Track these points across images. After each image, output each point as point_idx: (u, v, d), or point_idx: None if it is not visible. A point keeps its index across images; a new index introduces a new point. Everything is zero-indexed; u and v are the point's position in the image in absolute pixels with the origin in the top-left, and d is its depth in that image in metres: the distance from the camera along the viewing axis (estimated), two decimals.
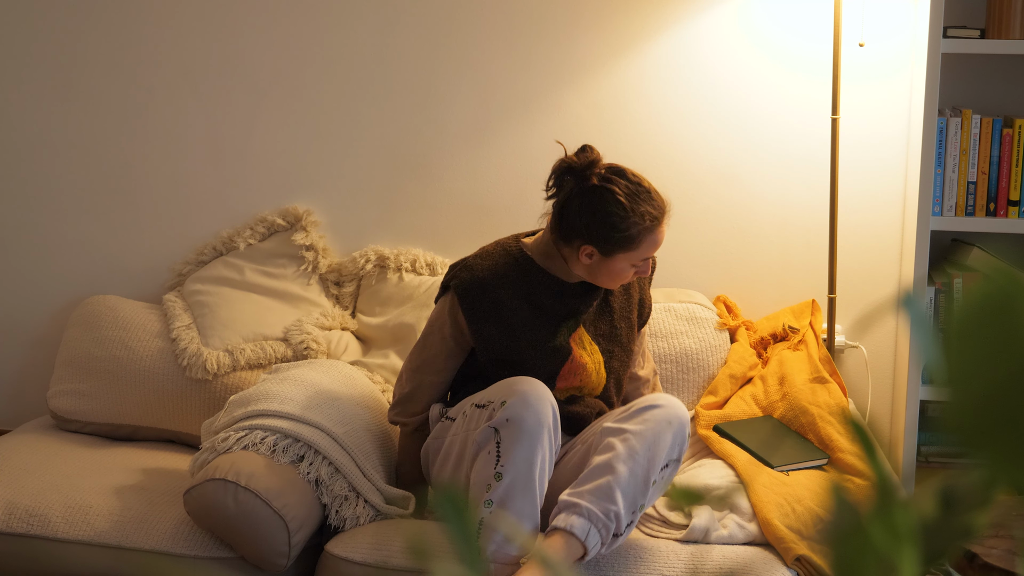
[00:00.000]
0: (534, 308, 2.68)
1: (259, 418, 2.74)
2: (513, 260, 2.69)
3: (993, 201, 3.04)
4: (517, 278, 2.67)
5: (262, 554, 2.58)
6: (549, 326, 2.68)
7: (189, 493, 2.62)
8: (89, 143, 3.52)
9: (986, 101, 3.17)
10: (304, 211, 3.44)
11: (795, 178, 3.33)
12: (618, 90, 3.35)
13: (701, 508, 2.58)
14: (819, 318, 3.25)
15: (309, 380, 2.90)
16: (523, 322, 2.66)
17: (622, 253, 2.59)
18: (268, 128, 3.46)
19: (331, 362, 3.11)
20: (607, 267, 2.62)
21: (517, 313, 2.66)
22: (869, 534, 0.71)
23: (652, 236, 2.60)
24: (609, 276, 2.64)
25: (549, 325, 2.68)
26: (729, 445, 2.89)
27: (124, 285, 3.52)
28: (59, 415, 3.27)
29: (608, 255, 2.60)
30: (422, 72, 3.39)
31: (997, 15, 2.96)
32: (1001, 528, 2.68)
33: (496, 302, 2.65)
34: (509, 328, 2.66)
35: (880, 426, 3.36)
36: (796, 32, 3.26)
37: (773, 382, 3.08)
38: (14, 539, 2.72)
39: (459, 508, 0.74)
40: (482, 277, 2.66)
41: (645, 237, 2.59)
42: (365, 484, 2.71)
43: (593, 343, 2.73)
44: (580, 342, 2.72)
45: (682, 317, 3.22)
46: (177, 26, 3.45)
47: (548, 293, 2.68)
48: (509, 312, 2.66)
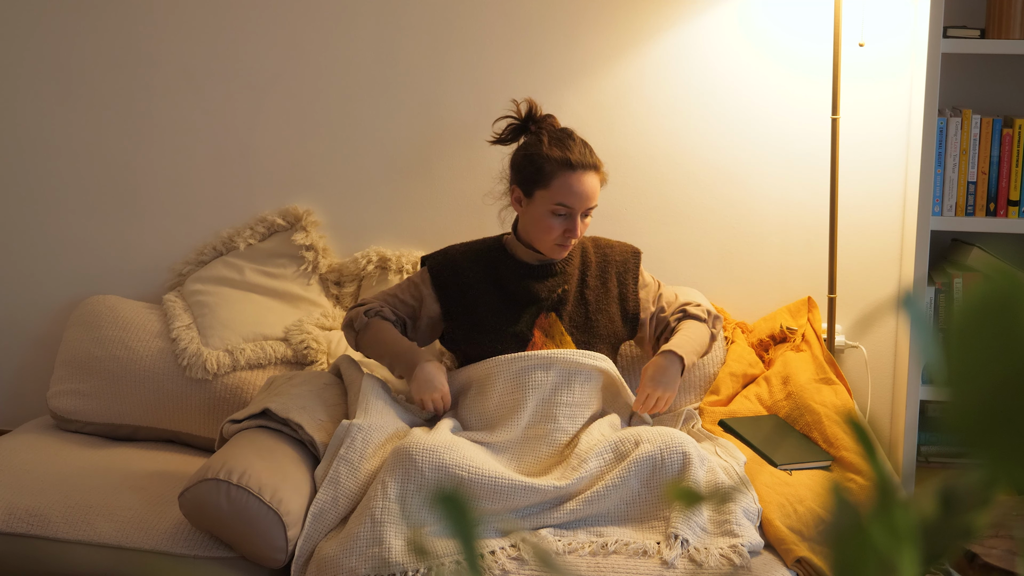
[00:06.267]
0: (500, 293, 2.85)
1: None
2: (487, 247, 2.92)
3: (993, 201, 3.04)
4: (487, 263, 2.88)
5: (260, 551, 2.58)
6: (511, 312, 2.84)
7: (183, 495, 2.62)
8: (90, 143, 3.52)
9: (986, 101, 3.17)
10: (304, 211, 3.44)
11: (795, 178, 3.34)
12: (618, 90, 3.35)
13: (682, 519, 2.55)
14: (816, 315, 3.25)
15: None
16: (487, 307, 2.84)
17: (539, 191, 2.78)
18: (268, 128, 3.46)
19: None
20: (531, 215, 2.81)
21: (483, 297, 2.85)
22: (869, 534, 0.71)
23: (567, 178, 2.75)
24: (536, 227, 2.81)
25: (512, 311, 2.84)
26: (733, 440, 2.89)
27: (124, 285, 3.52)
28: (59, 415, 3.27)
29: (528, 195, 2.81)
30: (423, 72, 3.39)
31: (997, 15, 2.96)
32: (1001, 528, 2.68)
33: (464, 285, 2.86)
34: (472, 312, 2.84)
35: (880, 426, 3.36)
36: (796, 32, 3.26)
37: (777, 382, 3.08)
38: (14, 539, 2.72)
39: (459, 508, 0.74)
40: (455, 259, 2.88)
41: (558, 174, 2.76)
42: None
43: (566, 334, 2.85)
44: (549, 331, 2.84)
45: None
46: (178, 26, 3.45)
47: (512, 276, 2.86)
48: (475, 295, 2.85)
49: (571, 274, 2.90)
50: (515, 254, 2.89)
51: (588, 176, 2.78)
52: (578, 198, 2.77)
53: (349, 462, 2.67)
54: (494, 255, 2.90)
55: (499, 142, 2.92)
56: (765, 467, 2.78)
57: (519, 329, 2.82)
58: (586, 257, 2.94)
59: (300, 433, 2.77)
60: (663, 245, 3.38)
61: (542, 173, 2.78)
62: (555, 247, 2.83)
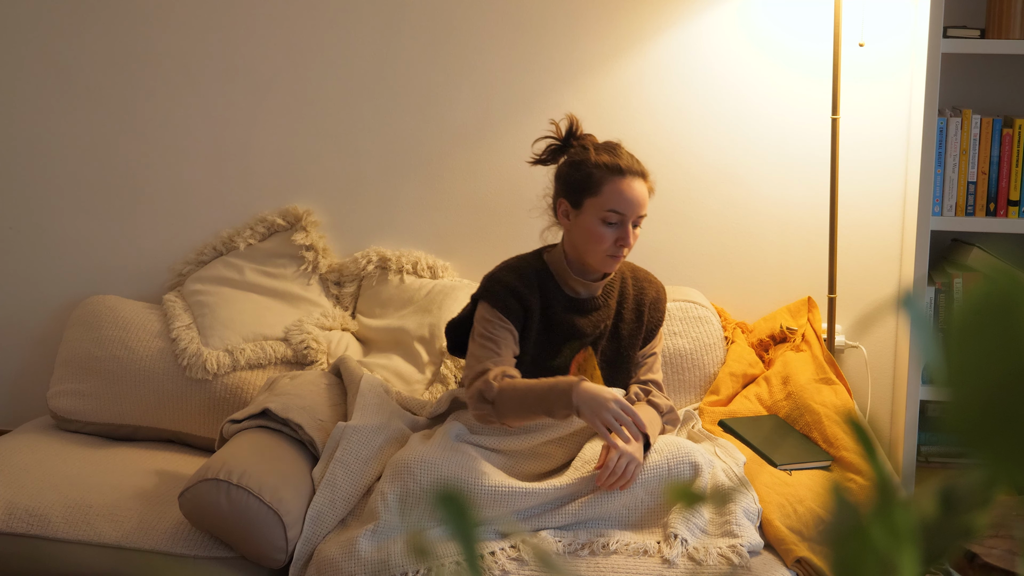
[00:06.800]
0: (545, 324, 2.72)
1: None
2: (534, 271, 2.75)
3: (993, 201, 3.04)
4: (538, 290, 2.73)
5: (260, 551, 2.58)
6: (553, 346, 2.72)
7: (183, 495, 2.62)
8: (89, 143, 3.52)
9: (986, 101, 3.17)
10: (304, 211, 3.44)
11: (795, 178, 3.34)
12: (618, 90, 3.35)
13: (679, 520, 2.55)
14: (816, 315, 3.25)
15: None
16: (532, 338, 2.71)
17: (589, 199, 2.67)
18: (268, 128, 3.46)
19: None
20: (581, 226, 2.68)
21: (532, 327, 2.71)
22: (869, 534, 0.71)
23: (617, 184, 2.66)
24: (587, 239, 2.68)
25: (554, 345, 2.72)
26: (733, 441, 2.89)
27: (124, 285, 3.52)
28: (59, 415, 3.27)
29: (577, 205, 2.69)
30: (423, 72, 3.39)
31: (997, 15, 2.96)
32: (1001, 528, 2.68)
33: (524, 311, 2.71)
34: (523, 340, 2.72)
35: (880, 426, 3.36)
36: (796, 32, 3.26)
37: (777, 382, 3.08)
38: (14, 539, 2.72)
39: (459, 509, 0.74)
40: (510, 285, 2.71)
41: (607, 181, 2.66)
42: None
43: (598, 369, 2.77)
44: (583, 365, 2.75)
45: (680, 317, 3.22)
46: (178, 26, 3.45)
47: (558, 309, 2.73)
48: (529, 323, 2.71)
49: (611, 307, 2.80)
50: (561, 284, 2.75)
51: (638, 182, 2.68)
52: (629, 204, 2.66)
53: (345, 464, 2.67)
54: (542, 281, 2.74)
55: (540, 163, 2.80)
56: (765, 467, 2.78)
57: (558, 363, 2.72)
58: (624, 289, 2.83)
59: (300, 433, 2.77)
60: (663, 245, 3.38)
61: (591, 180, 2.67)
62: (607, 258, 2.69)
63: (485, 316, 2.69)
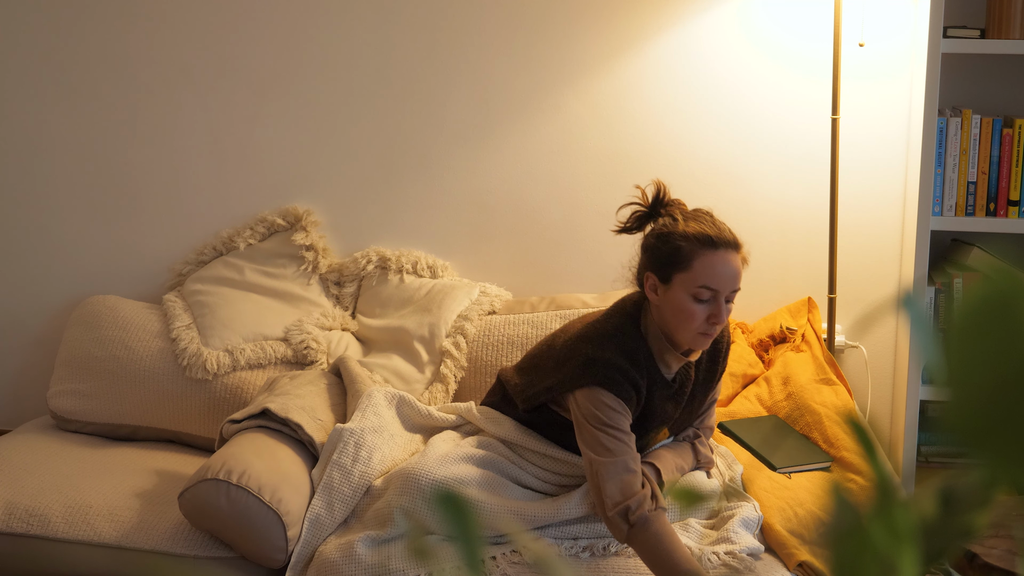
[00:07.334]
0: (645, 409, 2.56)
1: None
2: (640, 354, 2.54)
3: (993, 201, 3.03)
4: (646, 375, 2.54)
5: (260, 551, 2.58)
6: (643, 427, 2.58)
7: (183, 495, 2.62)
8: (89, 143, 3.52)
9: (986, 101, 3.17)
10: (304, 211, 3.44)
11: (795, 178, 3.33)
12: (618, 90, 3.35)
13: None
14: (816, 315, 3.25)
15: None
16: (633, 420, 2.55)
17: (678, 274, 2.47)
18: (268, 128, 3.46)
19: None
20: (671, 302, 2.48)
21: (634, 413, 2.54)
22: (869, 534, 0.71)
23: (707, 257, 2.45)
24: (677, 317, 2.48)
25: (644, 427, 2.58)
26: (732, 444, 2.89)
27: (124, 285, 3.52)
28: (59, 415, 3.27)
29: (666, 281, 2.48)
30: (422, 72, 3.39)
31: (997, 15, 2.96)
32: (1001, 528, 2.68)
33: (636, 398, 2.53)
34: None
35: (880, 426, 3.36)
36: (796, 32, 3.26)
37: (777, 383, 3.08)
38: (14, 539, 2.72)
39: (460, 510, 0.74)
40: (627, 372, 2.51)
41: (698, 255, 2.45)
42: None
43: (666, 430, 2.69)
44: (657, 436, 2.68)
45: None
46: (177, 26, 3.45)
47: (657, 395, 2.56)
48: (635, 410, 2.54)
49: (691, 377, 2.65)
50: (660, 363, 2.56)
51: (731, 255, 2.47)
52: (722, 279, 2.45)
53: (342, 467, 2.67)
54: (648, 365, 2.54)
55: (625, 231, 2.61)
56: (764, 470, 2.78)
57: (643, 443, 2.61)
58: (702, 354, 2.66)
59: (300, 433, 2.77)
60: None
61: (680, 254, 2.46)
62: (698, 336, 2.49)
63: (606, 403, 2.48)
